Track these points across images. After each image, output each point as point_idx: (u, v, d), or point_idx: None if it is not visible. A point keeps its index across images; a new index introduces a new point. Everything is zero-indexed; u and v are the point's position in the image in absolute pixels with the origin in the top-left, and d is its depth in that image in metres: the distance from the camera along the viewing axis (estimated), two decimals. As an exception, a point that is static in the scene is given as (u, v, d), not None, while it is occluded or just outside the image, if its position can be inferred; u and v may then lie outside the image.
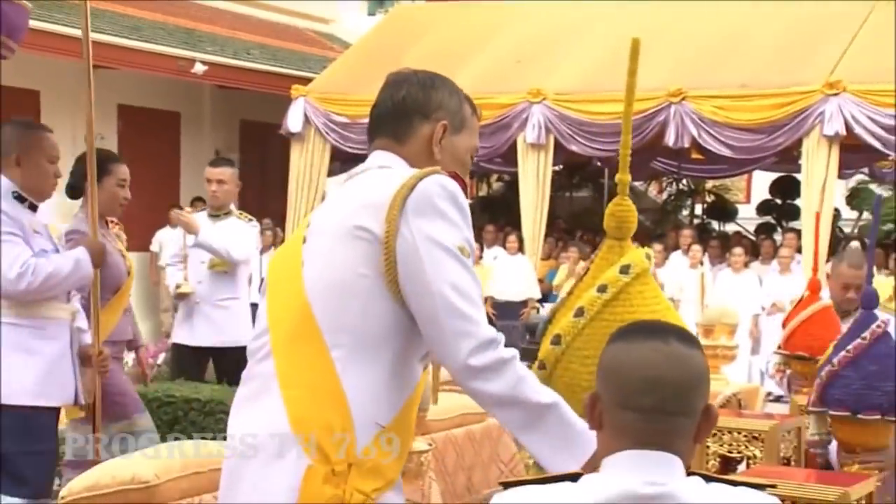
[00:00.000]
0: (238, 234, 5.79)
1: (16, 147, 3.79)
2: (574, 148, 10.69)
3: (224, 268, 5.68)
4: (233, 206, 5.93)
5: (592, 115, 10.31)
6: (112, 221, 4.62)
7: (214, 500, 2.23)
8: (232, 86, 12.41)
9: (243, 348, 2.14)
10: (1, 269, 3.62)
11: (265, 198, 12.65)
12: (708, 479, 1.64)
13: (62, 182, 4.07)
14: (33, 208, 3.84)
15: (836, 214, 12.70)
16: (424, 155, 2.14)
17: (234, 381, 5.84)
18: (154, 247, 11.58)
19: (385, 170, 2.10)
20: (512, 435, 2.03)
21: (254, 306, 5.76)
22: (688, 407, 1.61)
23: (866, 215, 17.79)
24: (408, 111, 2.15)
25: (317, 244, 2.04)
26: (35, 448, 3.68)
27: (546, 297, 11.53)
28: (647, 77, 10.63)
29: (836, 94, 9.40)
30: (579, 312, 1.73)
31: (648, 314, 1.72)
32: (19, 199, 3.77)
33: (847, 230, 16.05)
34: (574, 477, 1.65)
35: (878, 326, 2.98)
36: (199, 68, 11.35)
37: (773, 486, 1.71)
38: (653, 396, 1.59)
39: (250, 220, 6.02)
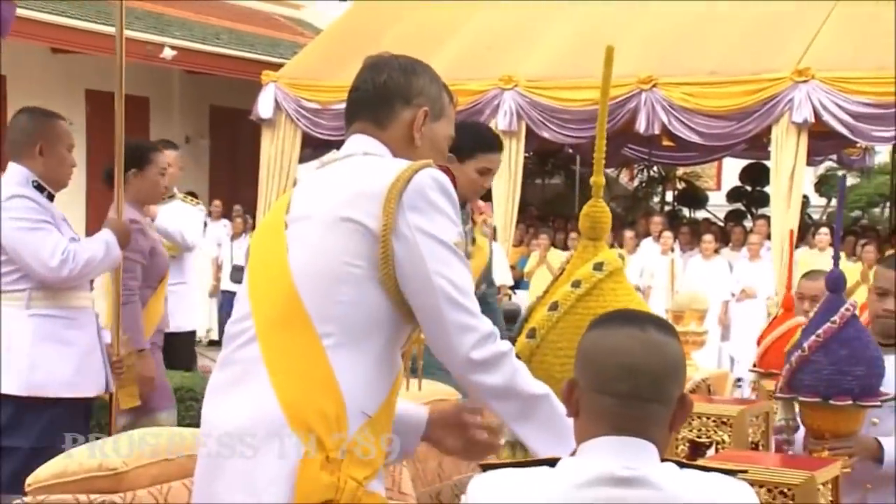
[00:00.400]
0: (186, 217, 5.78)
1: (38, 137, 3.75)
2: (546, 135, 10.71)
3: (173, 252, 5.64)
4: (175, 189, 5.91)
5: (564, 101, 10.33)
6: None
7: (185, 487, 2.21)
8: (201, 71, 12.33)
9: (192, 333, 2.13)
10: (41, 258, 3.60)
11: (236, 184, 12.58)
12: (682, 465, 1.66)
13: (78, 171, 4.07)
14: (51, 198, 3.81)
15: (805, 201, 12.80)
16: (404, 141, 2.13)
17: (181, 366, 5.79)
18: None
19: (371, 157, 2.09)
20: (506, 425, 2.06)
21: (225, 293, 5.67)
22: (663, 394, 1.63)
23: (834, 202, 17.96)
24: (389, 95, 2.13)
25: (304, 230, 2.02)
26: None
27: (518, 283, 11.56)
28: (618, 64, 10.49)
29: (804, 82, 9.47)
30: (553, 307, 1.79)
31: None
32: (38, 188, 3.74)
33: (816, 217, 16.20)
34: (552, 462, 1.67)
35: (847, 310, 2.90)
36: (167, 53, 11.26)
37: (744, 472, 1.73)
38: (628, 383, 1.61)
39: (197, 203, 6.01)
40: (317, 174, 2.17)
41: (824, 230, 10.72)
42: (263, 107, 11.32)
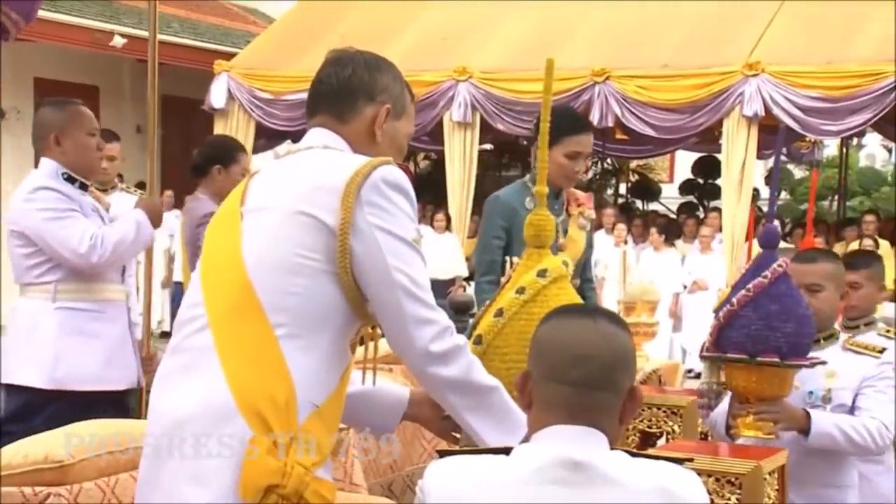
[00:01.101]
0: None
1: (51, 127, 3.72)
2: (500, 126, 10.73)
3: None
4: (117, 180, 5.89)
5: (518, 93, 10.35)
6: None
7: (132, 479, 2.19)
8: (153, 60, 12.18)
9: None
10: (70, 246, 3.58)
11: (188, 174, 12.42)
12: (632, 454, 1.70)
13: (25, 159, 4.05)
14: (83, 188, 3.78)
15: (756, 194, 12.96)
16: (365, 137, 2.15)
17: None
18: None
19: (331, 151, 2.10)
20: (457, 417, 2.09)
21: (177, 284, 5.63)
22: (613, 383, 1.69)
23: (784, 195, 18.21)
24: (353, 90, 2.15)
25: (260, 221, 2.03)
26: None
27: (472, 275, 11.58)
28: (572, 56, 10.73)
29: (755, 75, 9.57)
30: (499, 313, 1.85)
31: None
32: (69, 179, 3.71)
33: (766, 209, 16.37)
34: (507, 451, 1.71)
35: (780, 266, 2.82)
36: (118, 41, 11.13)
37: (691, 460, 1.77)
38: (580, 370, 1.67)
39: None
40: (275, 165, 2.17)
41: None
42: (216, 97, 11.22)
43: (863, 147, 20.10)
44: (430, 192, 13.33)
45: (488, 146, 13.85)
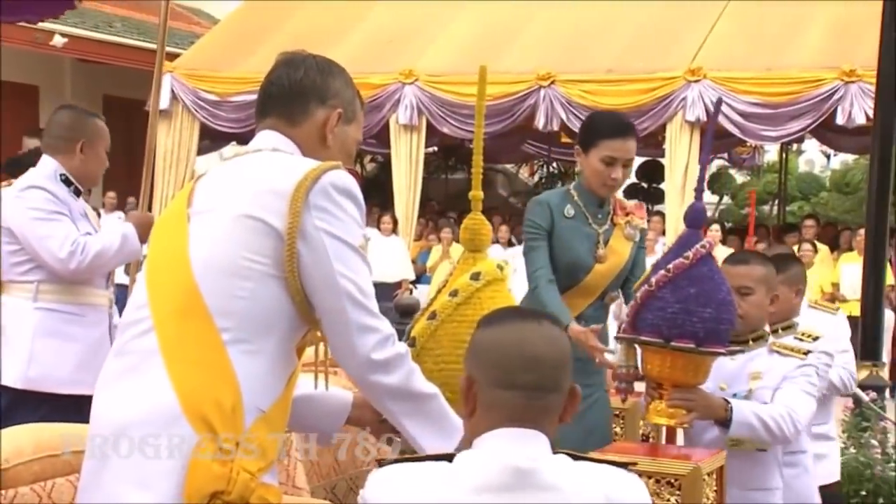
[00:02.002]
0: None
1: (82, 134, 3.78)
2: (446, 130, 10.76)
3: None
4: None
5: (464, 96, 10.39)
6: None
7: (70, 484, 2.16)
8: (94, 59, 12.03)
9: None
10: (50, 249, 3.57)
11: (131, 176, 12.24)
12: (574, 457, 1.71)
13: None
14: (77, 193, 3.80)
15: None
16: (316, 140, 2.13)
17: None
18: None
19: (280, 154, 2.08)
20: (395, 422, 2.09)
21: (119, 287, 5.61)
22: (560, 384, 1.69)
23: (726, 199, 18.47)
24: (305, 93, 2.13)
25: (207, 224, 2.01)
26: None
27: (419, 278, 11.59)
28: (518, 60, 10.80)
29: (697, 81, 9.71)
30: (432, 316, 1.85)
31: None
32: (66, 182, 3.73)
33: (709, 214, 16.60)
34: (449, 458, 1.69)
35: (703, 247, 2.67)
36: (58, 40, 10.97)
37: (634, 464, 1.79)
38: (534, 374, 1.66)
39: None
40: (223, 167, 2.15)
41: (715, 227, 11.01)
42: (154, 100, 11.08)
43: (802, 153, 20.46)
44: (377, 195, 13.32)
45: (433, 149, 13.88)
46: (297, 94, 2.13)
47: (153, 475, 1.88)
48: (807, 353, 3.06)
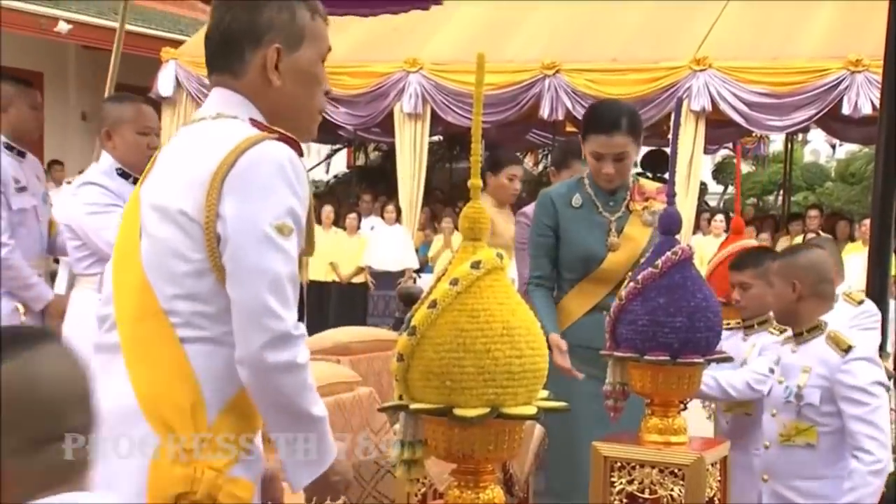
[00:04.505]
0: None
1: (105, 120, 3.82)
2: (450, 118, 10.73)
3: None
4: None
5: (468, 85, 10.34)
6: None
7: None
8: (98, 46, 11.99)
9: None
10: (105, 239, 3.59)
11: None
12: None
13: None
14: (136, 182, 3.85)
15: (703, 188, 13.10)
16: (262, 86, 1.99)
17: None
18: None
19: (218, 123, 1.97)
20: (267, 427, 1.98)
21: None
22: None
23: (731, 189, 18.44)
24: (236, 40, 1.98)
25: (150, 219, 1.96)
26: None
27: (422, 268, 11.59)
28: (523, 49, 10.77)
29: (702, 70, 9.67)
30: (433, 304, 1.80)
31: (497, 306, 1.80)
32: (124, 175, 3.76)
33: (713, 203, 16.60)
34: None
35: (675, 253, 2.56)
36: (62, 27, 10.95)
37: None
38: (86, 414, 1.38)
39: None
40: (172, 144, 2.07)
41: (719, 217, 11.00)
42: (164, 84, 11.09)
43: (807, 143, 20.41)
44: (381, 184, 13.30)
45: (437, 137, 13.86)
46: (229, 42, 1.99)
47: (118, 476, 1.84)
48: (849, 348, 3.08)
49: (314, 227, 2.08)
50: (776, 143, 17.22)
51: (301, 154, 1.97)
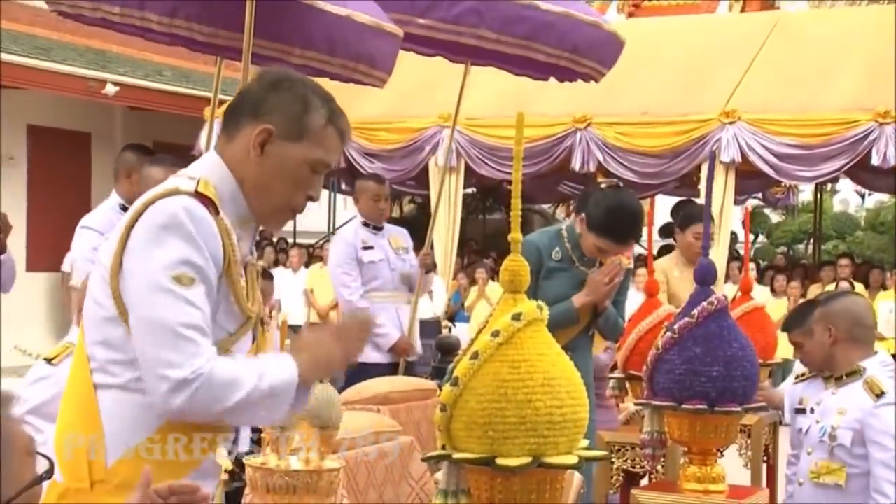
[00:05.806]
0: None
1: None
2: (484, 172, 10.92)
3: None
4: None
5: (502, 139, 10.56)
6: None
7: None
8: (144, 107, 12.35)
9: None
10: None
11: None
12: None
13: (18, 206, 4.23)
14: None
15: (734, 238, 13.19)
16: (242, 158, 2.00)
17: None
18: (65, 267, 11.44)
19: (171, 179, 2.01)
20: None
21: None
22: None
23: (761, 238, 18.46)
24: (242, 109, 2.03)
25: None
26: None
27: (454, 316, 11.72)
28: (554, 104, 10.93)
29: (732, 123, 9.80)
30: (475, 356, 1.84)
31: (537, 357, 1.84)
32: (123, 209, 4.17)
33: (742, 253, 16.59)
34: None
35: (711, 303, 2.60)
36: (110, 89, 11.28)
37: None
38: None
39: None
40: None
41: (750, 266, 11.05)
42: (205, 142, 11.37)
43: (837, 192, 20.40)
44: (416, 235, 13.47)
45: (471, 189, 14.05)
46: (237, 108, 2.04)
47: None
48: (882, 393, 3.14)
49: (242, 289, 2.01)
50: (805, 193, 17.27)
51: (217, 213, 1.95)
